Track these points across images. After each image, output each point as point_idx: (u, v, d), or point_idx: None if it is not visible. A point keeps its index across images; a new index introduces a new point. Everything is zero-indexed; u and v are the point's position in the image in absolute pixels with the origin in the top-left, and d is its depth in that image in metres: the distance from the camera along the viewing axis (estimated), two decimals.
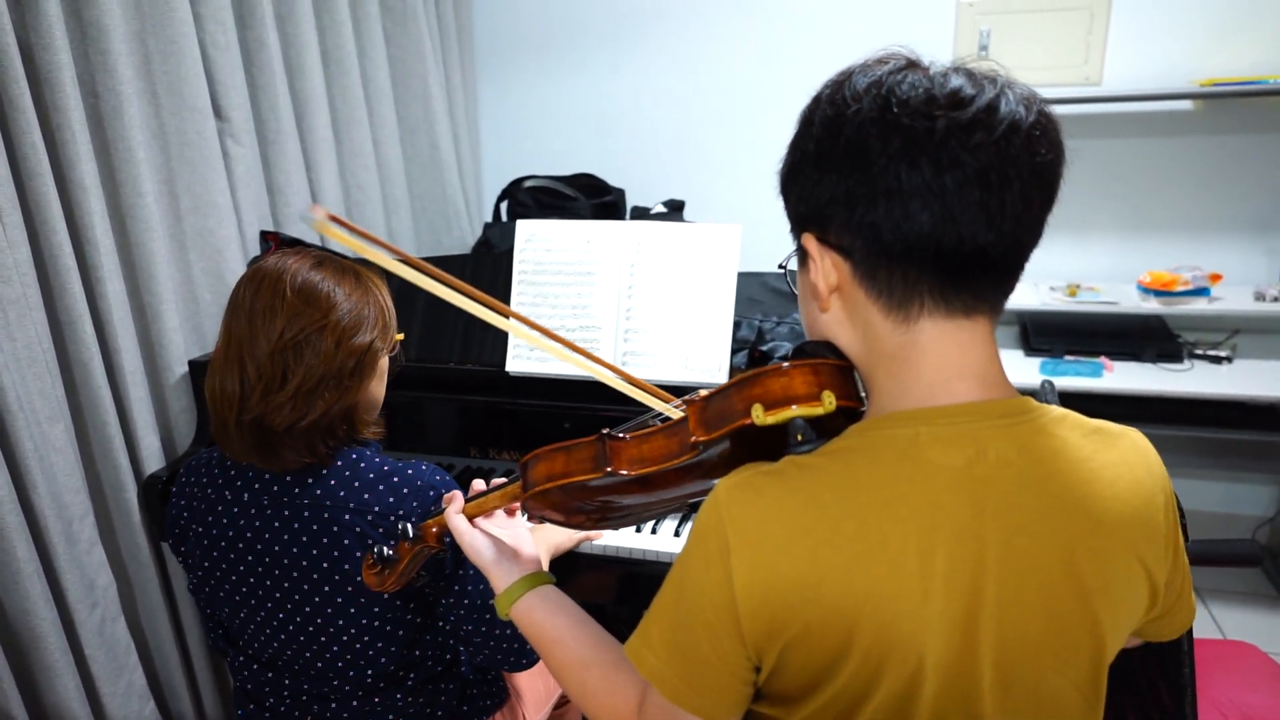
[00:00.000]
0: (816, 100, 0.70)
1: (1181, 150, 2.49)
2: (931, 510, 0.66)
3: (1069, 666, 0.71)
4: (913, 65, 0.67)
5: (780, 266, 0.82)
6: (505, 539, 0.96)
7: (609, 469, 0.80)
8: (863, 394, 0.74)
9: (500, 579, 0.92)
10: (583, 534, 1.41)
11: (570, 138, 2.96)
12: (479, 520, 0.96)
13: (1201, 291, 2.31)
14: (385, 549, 0.98)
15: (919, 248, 0.65)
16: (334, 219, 0.69)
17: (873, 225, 0.65)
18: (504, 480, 0.96)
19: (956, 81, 0.65)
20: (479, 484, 1.02)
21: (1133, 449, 0.74)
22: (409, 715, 1.20)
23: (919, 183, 0.63)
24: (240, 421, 1.07)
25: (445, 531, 0.97)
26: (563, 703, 1.58)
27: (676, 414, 0.83)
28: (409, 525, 0.96)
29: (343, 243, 0.70)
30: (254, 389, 1.05)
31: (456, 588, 1.12)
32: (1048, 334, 2.40)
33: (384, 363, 1.16)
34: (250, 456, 1.10)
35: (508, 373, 1.69)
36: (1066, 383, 2.20)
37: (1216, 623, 2.38)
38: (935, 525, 0.66)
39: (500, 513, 1.00)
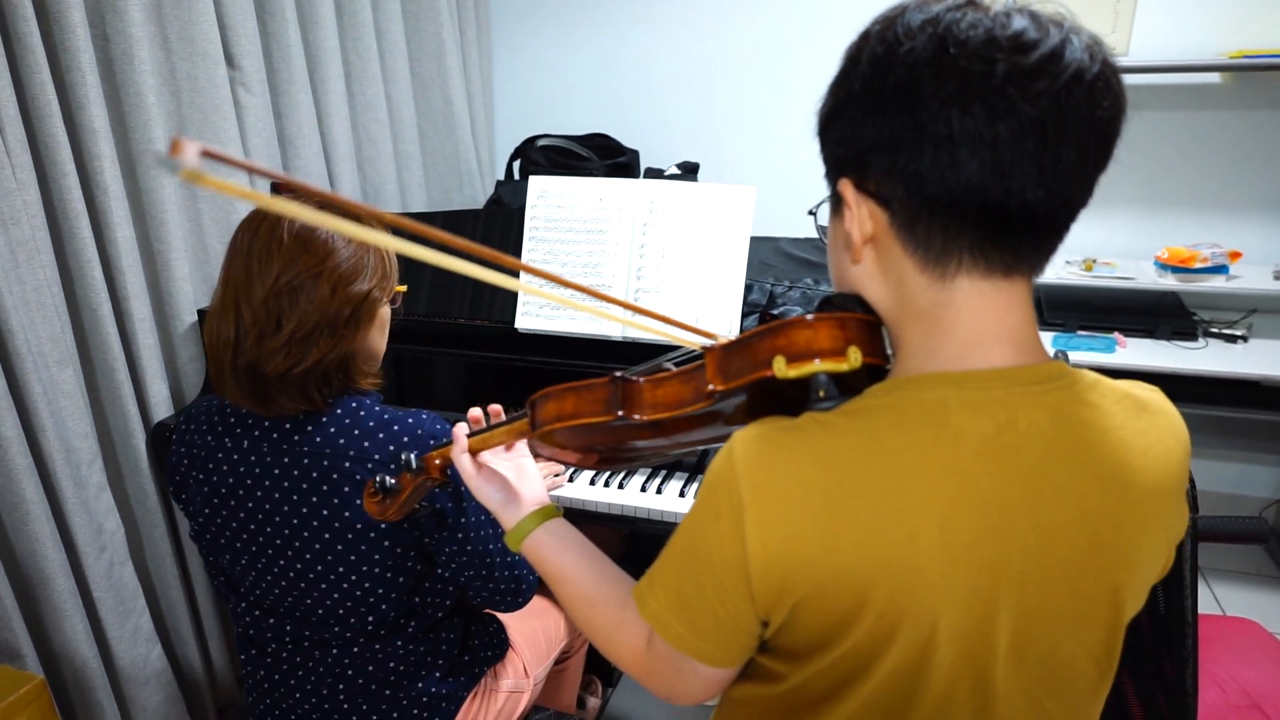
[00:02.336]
0: (865, 37, 0.65)
1: (1207, 125, 2.44)
2: (957, 478, 0.64)
3: (1085, 634, 0.70)
4: (972, 3, 0.63)
5: (810, 213, 0.78)
6: (510, 475, 0.95)
7: (621, 412, 0.78)
8: (889, 351, 0.71)
9: (509, 517, 0.92)
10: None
11: (585, 97, 2.92)
12: (482, 455, 0.95)
13: (1220, 269, 2.27)
14: (388, 478, 0.98)
15: (964, 200, 0.61)
16: (209, 154, 0.45)
17: (916, 174, 0.62)
18: (512, 416, 0.94)
19: (1020, 23, 0.60)
20: (475, 412, 1.01)
21: (1162, 414, 0.72)
22: (410, 663, 1.21)
23: (970, 129, 0.59)
24: (235, 366, 1.06)
25: (449, 464, 0.97)
26: (563, 657, 1.59)
27: (698, 344, 0.79)
28: (412, 456, 0.96)
29: (225, 191, 0.49)
30: (249, 334, 1.05)
31: (460, 535, 1.13)
32: (1061, 308, 2.38)
33: (384, 313, 1.15)
34: (246, 402, 1.09)
35: (517, 329, 1.68)
36: (1078, 357, 2.18)
37: (1218, 600, 2.39)
38: (961, 495, 0.64)
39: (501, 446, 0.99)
